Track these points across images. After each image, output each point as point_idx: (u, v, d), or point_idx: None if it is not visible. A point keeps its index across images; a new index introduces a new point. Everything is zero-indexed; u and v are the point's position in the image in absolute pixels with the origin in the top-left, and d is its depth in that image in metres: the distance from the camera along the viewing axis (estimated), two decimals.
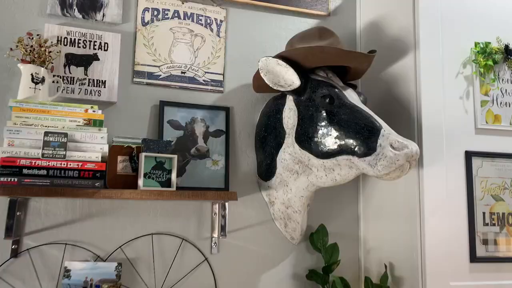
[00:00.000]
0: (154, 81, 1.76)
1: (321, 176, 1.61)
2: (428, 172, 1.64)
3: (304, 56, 1.55)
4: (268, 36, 1.96)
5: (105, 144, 1.49)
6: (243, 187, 1.83)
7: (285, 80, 1.57)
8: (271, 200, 1.83)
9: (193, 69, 1.81)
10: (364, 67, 1.67)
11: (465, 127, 1.72)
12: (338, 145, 1.51)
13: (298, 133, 1.61)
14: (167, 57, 1.79)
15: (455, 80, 1.74)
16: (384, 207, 1.85)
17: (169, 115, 1.75)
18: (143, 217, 1.70)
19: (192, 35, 1.83)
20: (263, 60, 1.57)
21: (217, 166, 1.78)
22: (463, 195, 1.68)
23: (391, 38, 1.84)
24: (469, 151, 1.70)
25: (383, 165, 1.41)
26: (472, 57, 1.75)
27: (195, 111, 1.79)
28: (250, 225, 1.83)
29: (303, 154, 1.60)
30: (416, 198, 1.66)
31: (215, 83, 1.84)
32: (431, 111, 1.68)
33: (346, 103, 1.55)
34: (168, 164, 1.61)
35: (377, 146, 1.44)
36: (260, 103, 1.89)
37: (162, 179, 1.60)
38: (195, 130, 1.77)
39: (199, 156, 1.76)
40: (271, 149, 1.76)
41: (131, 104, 1.73)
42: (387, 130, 1.46)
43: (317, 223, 1.89)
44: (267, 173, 1.79)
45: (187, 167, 1.74)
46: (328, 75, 1.65)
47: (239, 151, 1.85)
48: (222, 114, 1.83)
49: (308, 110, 1.59)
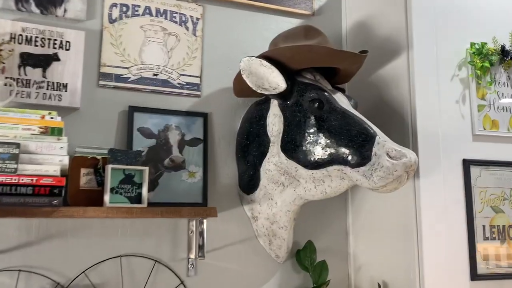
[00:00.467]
0: (123, 84, 1.58)
1: (309, 188, 1.45)
2: (424, 183, 1.51)
3: (290, 56, 1.40)
4: (249, 36, 1.80)
5: (65, 156, 1.30)
6: (223, 202, 1.66)
7: (269, 83, 1.42)
8: (254, 215, 1.66)
9: (166, 71, 1.64)
10: (354, 68, 1.53)
11: (462, 134, 1.60)
12: (329, 154, 1.36)
13: (284, 141, 1.45)
14: (137, 58, 1.61)
15: (451, 83, 1.62)
16: (376, 221, 1.71)
17: (140, 122, 1.57)
18: (111, 237, 1.51)
19: (166, 33, 1.66)
20: (245, 60, 1.41)
21: (194, 179, 1.61)
22: (461, 207, 1.56)
23: (381, 39, 1.71)
24: (467, 159, 1.58)
25: (380, 176, 1.27)
26: (468, 59, 1.63)
27: (169, 117, 1.61)
28: (231, 243, 1.66)
29: (290, 164, 1.45)
30: (412, 212, 1.52)
31: (191, 87, 1.67)
32: (426, 117, 1.55)
33: (337, 108, 1.40)
34: (138, 177, 1.43)
35: (372, 155, 1.30)
36: (242, 109, 1.72)
37: (131, 194, 1.43)
38: (169, 138, 1.60)
39: (173, 167, 1.59)
40: (254, 159, 1.60)
41: (96, 110, 1.54)
42: (382, 137, 1.33)
43: (303, 239, 1.73)
44: (250, 186, 1.62)
45: (160, 180, 1.56)
46: (316, 78, 1.51)
47: (218, 162, 1.68)
48: (199, 120, 1.66)
49: (295, 116, 1.44)
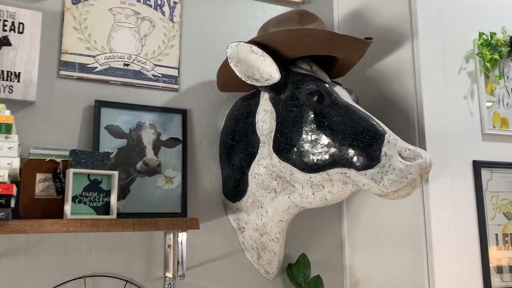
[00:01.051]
0: (88, 75, 1.36)
1: (307, 195, 1.26)
2: (434, 187, 1.35)
3: (285, 42, 1.21)
4: (232, 24, 1.61)
5: (15, 158, 1.07)
6: (205, 211, 1.45)
7: (261, 73, 1.23)
8: (240, 226, 1.46)
9: (139, 61, 1.42)
10: (355, 58, 1.35)
11: (471, 133, 1.46)
12: (330, 155, 1.17)
13: (277, 140, 1.26)
14: (105, 45, 1.39)
15: (458, 76, 1.47)
16: (376, 230, 1.53)
17: (108, 119, 1.35)
18: (73, 254, 1.28)
19: (138, 18, 1.45)
20: (233, 46, 1.21)
21: (172, 185, 1.39)
22: (473, 214, 1.40)
23: (380, 29, 1.54)
24: (477, 161, 1.42)
25: (391, 180, 1.09)
26: (476, 50, 1.48)
27: (142, 114, 1.39)
28: (214, 259, 1.45)
29: (284, 167, 1.25)
30: (420, 219, 1.36)
31: (168, 79, 1.46)
32: (434, 114, 1.39)
33: (339, 102, 1.22)
34: (105, 184, 1.23)
35: (382, 156, 1.12)
36: (226, 105, 1.52)
37: (97, 203, 1.22)
38: (142, 138, 1.38)
39: (147, 172, 1.37)
40: (240, 161, 1.40)
41: (56, 105, 1.31)
42: (392, 135, 1.15)
43: (294, 252, 1.54)
44: (236, 192, 1.42)
45: (132, 187, 1.34)
46: (313, 68, 1.32)
47: (199, 165, 1.47)
48: (177, 118, 1.44)
49: (290, 112, 1.25)
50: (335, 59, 1.36)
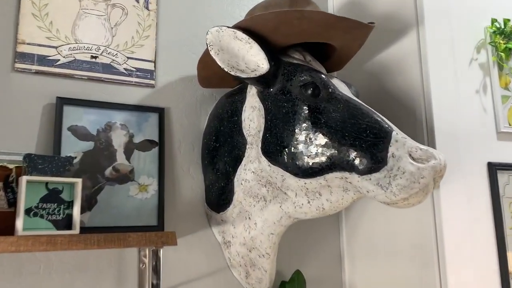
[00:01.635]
0: (49, 68, 1.18)
1: (301, 203, 1.09)
2: (446, 193, 1.18)
3: (275, 26, 1.04)
4: (216, 13, 1.44)
5: None
6: (186, 223, 1.27)
7: (246, 62, 1.06)
8: (226, 240, 1.28)
9: (109, 53, 1.25)
10: (355, 46, 1.19)
11: (485, 131, 1.30)
12: (328, 157, 1.01)
13: (266, 141, 1.09)
14: (69, 35, 1.22)
15: (469, 68, 1.31)
16: (379, 242, 1.37)
17: (72, 118, 1.17)
18: (29, 276, 1.09)
19: (108, 5, 1.28)
20: (214, 31, 1.05)
21: (146, 194, 1.22)
22: (489, 222, 1.24)
23: (381, 16, 1.39)
24: (492, 162, 1.26)
25: (401, 185, 0.93)
26: (488, 39, 1.33)
27: (113, 113, 1.22)
28: (196, 278, 1.27)
29: (274, 171, 1.08)
30: (431, 230, 1.19)
31: (143, 74, 1.29)
32: (443, 109, 1.23)
33: (337, 95, 1.05)
34: (67, 193, 1.06)
35: (389, 157, 0.95)
36: (209, 103, 1.35)
37: (57, 216, 1.05)
38: (112, 141, 1.20)
39: (118, 179, 1.19)
40: (225, 166, 1.22)
41: (10, 102, 1.13)
42: (400, 133, 0.99)
43: (287, 268, 1.37)
44: (221, 201, 1.25)
45: (100, 197, 1.16)
46: (307, 59, 1.16)
47: (179, 171, 1.30)
48: (153, 117, 1.27)
49: (280, 107, 1.08)
50: (330, 49, 1.20)
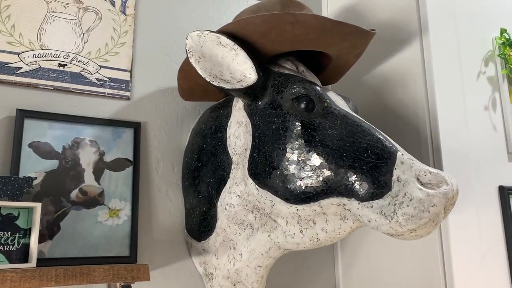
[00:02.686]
0: (9, 77, 1.04)
1: (293, 233, 0.96)
2: (454, 220, 1.06)
3: (264, 30, 0.92)
4: (201, 19, 1.32)
5: None
6: (163, 253, 1.13)
7: (231, 72, 0.93)
8: (208, 272, 1.13)
9: (79, 61, 1.12)
10: (352, 57, 1.07)
11: (495, 152, 1.19)
12: (324, 180, 0.88)
13: (254, 161, 0.96)
14: (34, 40, 1.08)
15: (476, 82, 1.20)
16: (378, 274, 1.23)
17: (34, 134, 1.03)
18: None
19: (80, 8, 1.15)
20: (195, 36, 0.93)
21: (118, 219, 1.07)
22: (502, 253, 1.12)
23: (380, 25, 1.27)
24: (504, 186, 1.14)
25: (408, 214, 0.80)
26: (496, 51, 1.22)
27: (81, 128, 1.08)
28: None
29: (262, 196, 0.95)
30: (439, 263, 1.06)
31: (118, 85, 1.16)
32: (450, 128, 1.11)
33: (334, 110, 0.93)
34: (23, 220, 0.93)
35: (393, 181, 0.83)
36: (191, 118, 1.22)
37: (11, 247, 0.92)
38: (80, 159, 1.06)
39: (85, 203, 1.05)
40: (208, 188, 1.09)
41: None
42: (406, 154, 0.86)
43: None
44: (202, 229, 1.11)
45: (63, 223, 1.02)
46: (299, 69, 1.04)
47: (156, 193, 1.16)
48: (128, 133, 1.14)
49: (270, 123, 0.95)
50: (326, 59, 1.08)
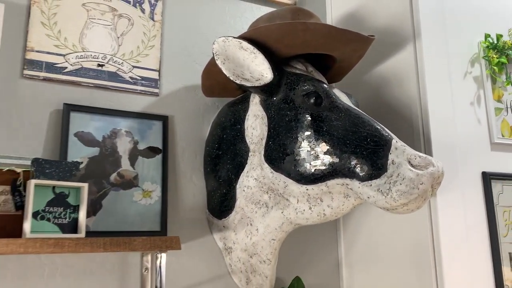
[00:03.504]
0: (57, 75, 1.21)
1: (303, 209, 1.12)
2: (442, 201, 1.22)
3: (279, 37, 1.08)
4: (218, 24, 1.48)
5: None
6: (188, 229, 1.29)
7: (251, 72, 1.09)
8: (227, 246, 1.30)
9: (115, 62, 1.28)
10: (355, 58, 1.23)
11: (479, 142, 1.34)
12: (330, 164, 1.04)
13: (269, 148, 1.12)
14: (77, 43, 1.25)
15: (463, 81, 1.36)
16: (377, 249, 1.39)
17: (78, 125, 1.19)
18: (33, 279, 1.10)
19: (115, 15, 1.31)
20: (220, 41, 1.08)
21: (150, 199, 1.24)
22: (484, 230, 1.27)
23: (378, 30, 1.43)
24: (487, 172, 1.30)
25: (401, 190, 0.96)
26: (481, 53, 1.38)
27: (118, 120, 1.25)
28: (197, 283, 1.28)
29: (277, 178, 1.11)
30: (428, 238, 1.22)
31: (148, 83, 1.32)
32: (439, 121, 1.27)
33: (339, 105, 1.09)
34: (73, 198, 1.07)
35: (389, 164, 0.99)
36: (212, 111, 1.38)
37: (63, 220, 1.06)
38: (118, 147, 1.23)
39: (122, 185, 1.21)
40: (228, 173, 1.25)
41: (19, 108, 1.16)
42: (399, 141, 1.02)
43: (286, 275, 1.38)
44: (222, 208, 1.27)
45: (105, 202, 1.18)
46: (308, 69, 1.20)
47: (181, 178, 1.32)
48: (157, 125, 1.30)
49: (283, 116, 1.11)
50: (331, 60, 1.24)
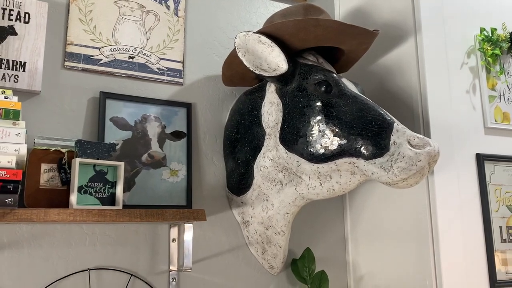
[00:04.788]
0: (93, 66, 1.35)
1: (314, 185, 1.26)
2: (439, 179, 1.35)
3: (294, 32, 1.22)
4: (235, 19, 1.61)
5: (22, 144, 1.05)
6: (210, 205, 1.44)
7: (268, 63, 1.23)
8: (245, 220, 1.45)
9: (144, 54, 1.42)
10: (361, 50, 1.36)
11: (474, 126, 1.47)
12: (339, 145, 1.18)
13: (284, 132, 1.26)
14: (110, 37, 1.38)
15: (460, 71, 1.49)
16: (380, 224, 1.53)
17: (113, 110, 1.34)
18: (77, 246, 1.26)
19: (143, 11, 1.45)
20: (241, 36, 1.22)
21: (177, 178, 1.38)
22: (477, 206, 1.41)
23: (383, 24, 1.56)
24: (480, 154, 1.44)
25: (401, 167, 1.10)
26: (477, 46, 1.51)
27: (147, 106, 1.39)
28: (218, 253, 1.43)
29: (291, 158, 1.25)
30: (426, 211, 1.36)
31: (173, 73, 1.46)
32: (438, 107, 1.40)
33: (347, 92, 1.23)
34: (111, 175, 1.21)
35: (391, 144, 1.12)
36: (229, 100, 1.52)
37: (103, 194, 1.20)
38: (148, 131, 1.37)
39: (152, 164, 1.36)
40: (245, 154, 1.39)
41: (61, 95, 1.30)
42: (400, 124, 1.16)
43: (297, 248, 1.53)
44: (241, 186, 1.41)
45: (137, 179, 1.33)
46: (319, 61, 1.33)
47: (204, 159, 1.46)
48: (182, 111, 1.44)
49: (297, 102, 1.25)
50: (339, 52, 1.37)
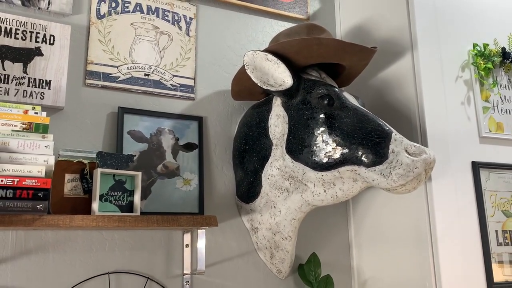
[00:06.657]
0: (112, 83, 1.45)
1: (318, 192, 1.35)
2: (437, 186, 1.43)
3: (297, 50, 1.32)
4: (243, 38, 1.72)
5: (50, 156, 1.15)
6: (220, 212, 1.52)
7: (275, 79, 1.33)
8: (254, 227, 1.53)
9: (158, 71, 1.52)
10: (361, 66, 1.46)
11: (469, 136, 1.55)
12: (341, 154, 1.27)
13: (290, 142, 1.35)
14: (127, 56, 1.49)
15: (455, 84, 1.58)
16: (382, 230, 1.61)
17: (130, 124, 1.43)
18: (97, 251, 1.34)
19: (158, 32, 1.55)
20: (250, 54, 1.32)
21: (189, 186, 1.47)
22: (473, 211, 1.49)
23: (381, 41, 1.66)
24: (476, 162, 1.52)
25: (399, 174, 1.18)
26: (471, 60, 1.60)
27: (162, 120, 1.49)
28: (228, 258, 1.51)
29: (297, 167, 1.34)
30: (425, 217, 1.44)
31: (185, 89, 1.56)
32: (434, 118, 1.49)
33: (348, 105, 1.32)
34: (129, 184, 1.30)
35: (389, 153, 1.21)
36: (237, 113, 1.62)
37: (122, 202, 1.29)
38: (162, 143, 1.47)
39: (167, 174, 1.45)
40: (254, 164, 1.48)
41: (82, 111, 1.40)
42: (398, 134, 1.25)
43: (304, 253, 1.61)
44: (250, 194, 1.50)
45: (153, 188, 1.42)
46: (322, 76, 1.43)
47: (214, 169, 1.56)
48: (194, 124, 1.54)
49: (302, 115, 1.34)
50: (341, 68, 1.47)
